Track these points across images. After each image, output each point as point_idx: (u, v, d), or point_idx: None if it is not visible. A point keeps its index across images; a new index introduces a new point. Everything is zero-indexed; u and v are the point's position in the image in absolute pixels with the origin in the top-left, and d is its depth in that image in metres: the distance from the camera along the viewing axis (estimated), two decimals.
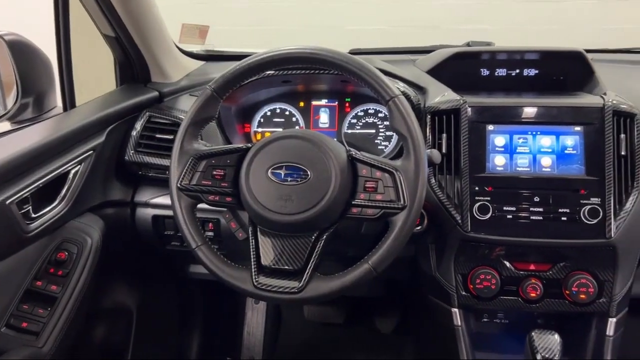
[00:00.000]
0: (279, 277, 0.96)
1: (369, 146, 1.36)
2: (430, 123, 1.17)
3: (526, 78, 1.34)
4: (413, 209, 0.93)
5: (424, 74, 1.34)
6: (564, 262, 1.12)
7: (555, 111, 1.14)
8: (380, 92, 0.97)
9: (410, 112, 0.96)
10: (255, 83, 1.29)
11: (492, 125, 1.15)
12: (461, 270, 1.16)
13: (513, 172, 1.13)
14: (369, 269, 0.93)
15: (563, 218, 1.09)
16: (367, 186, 0.96)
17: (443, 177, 1.15)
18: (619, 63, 1.50)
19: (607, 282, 1.11)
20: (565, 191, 1.10)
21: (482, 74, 1.35)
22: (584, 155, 1.11)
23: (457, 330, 1.18)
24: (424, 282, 1.26)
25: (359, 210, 0.96)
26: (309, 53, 0.98)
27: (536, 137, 1.14)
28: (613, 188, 1.08)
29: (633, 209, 1.08)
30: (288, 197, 0.95)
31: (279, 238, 0.97)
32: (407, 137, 0.95)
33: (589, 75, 1.27)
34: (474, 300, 1.16)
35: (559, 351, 1.01)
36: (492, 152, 1.14)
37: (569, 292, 1.11)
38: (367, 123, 1.36)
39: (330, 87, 1.36)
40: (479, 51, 1.34)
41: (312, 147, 0.97)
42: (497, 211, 1.11)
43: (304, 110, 1.38)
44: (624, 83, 1.26)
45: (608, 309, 1.12)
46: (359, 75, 0.97)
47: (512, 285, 1.14)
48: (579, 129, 1.12)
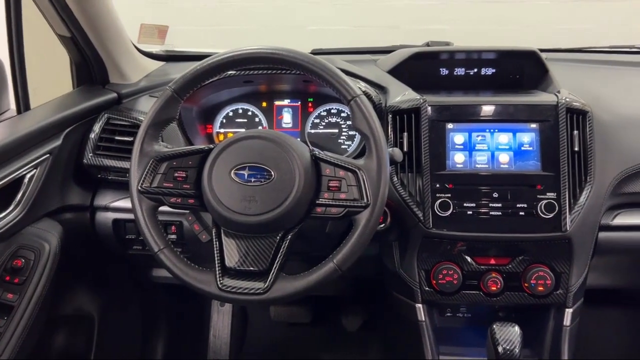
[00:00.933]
0: (244, 279, 0.96)
1: (332, 146, 1.36)
2: (392, 122, 1.19)
3: (484, 77, 1.37)
4: (376, 207, 0.95)
5: (384, 74, 1.35)
6: (522, 256, 1.15)
7: (512, 109, 1.17)
8: (342, 92, 0.97)
9: (371, 112, 0.97)
10: (216, 83, 1.28)
11: (451, 124, 1.17)
12: (424, 266, 1.18)
13: (472, 169, 1.15)
14: (334, 267, 0.94)
15: (521, 213, 1.12)
16: (331, 185, 0.97)
17: (405, 175, 1.17)
18: (572, 62, 1.55)
19: (563, 274, 1.15)
20: (522, 187, 1.13)
21: (441, 74, 1.38)
22: (539, 152, 1.14)
23: (421, 325, 1.20)
24: (388, 279, 1.28)
25: (323, 210, 0.97)
26: (270, 53, 0.98)
27: (494, 134, 1.17)
28: (568, 183, 1.12)
29: (587, 203, 1.12)
30: (252, 198, 0.94)
31: (244, 239, 0.97)
32: (369, 136, 0.97)
33: (543, 73, 1.31)
34: (437, 296, 1.18)
35: (519, 342, 1.03)
36: (452, 149, 1.16)
37: (527, 284, 1.15)
38: (330, 123, 1.36)
39: (292, 87, 1.36)
40: (437, 51, 1.36)
41: (275, 147, 0.97)
42: (457, 207, 1.13)
43: (267, 110, 1.38)
44: (576, 81, 1.30)
45: (565, 300, 1.16)
46: (321, 75, 0.97)
47: (473, 280, 1.17)
48: (535, 126, 1.16)
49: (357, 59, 1.48)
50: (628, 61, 1.55)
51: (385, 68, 1.37)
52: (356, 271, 1.00)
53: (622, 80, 1.44)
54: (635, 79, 1.45)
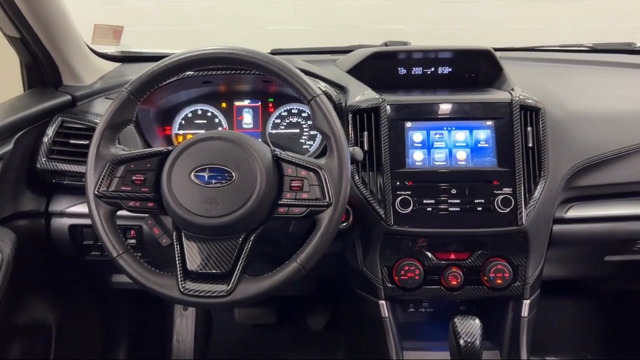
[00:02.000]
0: (207, 282, 0.95)
1: (294, 146, 1.36)
2: (352, 121, 1.20)
3: (441, 76, 1.39)
4: (338, 205, 0.95)
5: (344, 74, 1.36)
6: (481, 250, 1.18)
7: (468, 107, 1.20)
8: (302, 92, 0.98)
9: (331, 111, 0.98)
10: (174, 84, 1.26)
11: (410, 122, 1.19)
12: (386, 263, 1.19)
13: (431, 166, 1.18)
14: (298, 267, 0.94)
15: (478, 208, 1.15)
16: (293, 185, 0.97)
17: (366, 174, 1.18)
18: (525, 61, 1.60)
19: (520, 267, 1.19)
20: (479, 183, 1.16)
21: (399, 73, 1.40)
22: (495, 148, 1.17)
23: (385, 321, 1.22)
24: (352, 277, 1.29)
25: (285, 210, 0.97)
26: (228, 53, 0.97)
27: (451, 132, 1.19)
28: (522, 178, 1.15)
29: (541, 197, 1.15)
30: (213, 200, 0.94)
31: (205, 242, 0.96)
32: (329, 135, 0.97)
33: (498, 72, 1.35)
34: (399, 292, 1.20)
35: (480, 335, 1.06)
36: (411, 148, 1.18)
37: (486, 278, 1.18)
38: (291, 123, 1.36)
39: (252, 87, 1.35)
40: (395, 50, 1.38)
41: (236, 148, 0.96)
42: (417, 204, 1.15)
43: (227, 111, 1.36)
44: (530, 79, 1.34)
45: (522, 291, 1.20)
46: (280, 75, 0.97)
47: (434, 275, 1.19)
48: (490, 124, 1.19)
49: (316, 59, 1.48)
50: (577, 59, 1.61)
51: (344, 68, 1.38)
52: (320, 270, 1.00)
53: (572, 77, 1.49)
54: (584, 76, 1.50)
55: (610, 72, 1.53)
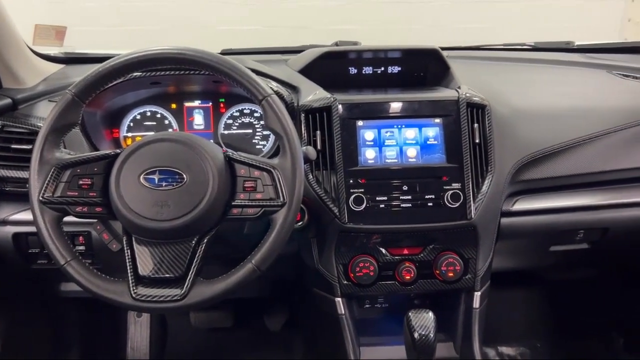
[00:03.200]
0: (160, 286, 0.93)
1: (247, 146, 1.36)
2: (304, 121, 1.20)
3: (391, 75, 1.42)
4: (292, 205, 0.96)
5: (295, 74, 1.37)
6: (433, 245, 1.21)
7: (417, 105, 1.22)
8: (253, 92, 0.98)
9: (283, 111, 0.98)
10: (121, 85, 1.23)
11: (361, 121, 1.21)
12: (342, 261, 1.20)
13: (383, 164, 1.19)
14: (253, 268, 0.94)
15: (429, 204, 1.17)
16: (246, 186, 0.97)
17: (320, 173, 1.19)
18: (471, 59, 1.65)
19: (471, 260, 1.22)
20: (429, 179, 1.18)
21: (350, 72, 1.41)
22: (444, 145, 1.20)
23: (341, 318, 1.23)
24: (308, 275, 1.29)
25: (239, 211, 0.97)
26: (176, 53, 0.96)
27: (401, 130, 1.21)
28: (471, 173, 1.18)
29: (489, 191, 1.19)
30: (164, 203, 0.92)
31: (157, 246, 0.94)
32: (282, 135, 0.97)
33: (445, 70, 1.38)
34: (355, 288, 1.21)
35: (434, 327, 1.08)
36: (363, 146, 1.20)
37: (439, 271, 1.21)
38: (244, 123, 1.36)
39: (202, 87, 1.34)
40: (345, 50, 1.39)
41: (186, 150, 0.95)
42: (370, 202, 1.17)
43: (177, 112, 1.34)
44: (475, 77, 1.38)
45: (473, 284, 1.23)
46: (231, 75, 0.97)
47: (388, 271, 1.21)
48: (439, 121, 1.22)
49: (268, 59, 1.48)
50: (520, 58, 1.67)
51: (296, 68, 1.39)
52: (276, 270, 1.00)
53: (516, 75, 1.55)
54: (527, 74, 1.56)
55: (550, 70, 1.60)
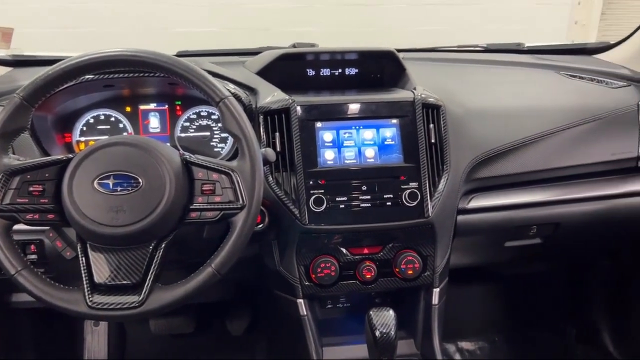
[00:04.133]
0: (117, 294, 0.91)
1: (205, 149, 1.34)
2: (263, 123, 1.20)
3: (348, 77, 1.43)
4: (252, 207, 0.95)
5: (253, 75, 1.36)
6: (392, 243, 1.23)
7: (374, 106, 1.24)
8: (210, 94, 0.97)
9: (241, 113, 0.97)
10: (73, 89, 1.20)
11: (320, 122, 1.21)
12: (303, 262, 1.21)
13: (342, 165, 1.20)
14: (213, 272, 0.93)
15: (388, 203, 1.19)
16: (205, 189, 0.96)
17: (279, 175, 1.19)
18: (426, 61, 1.68)
19: (429, 257, 1.24)
20: (388, 179, 1.20)
21: (308, 74, 1.42)
22: (401, 145, 1.22)
23: (304, 319, 1.23)
24: (270, 278, 1.29)
25: (198, 215, 0.96)
26: (130, 55, 0.94)
27: (359, 131, 1.23)
28: (427, 172, 1.21)
29: (445, 190, 1.22)
30: (119, 208, 0.90)
31: (113, 252, 0.92)
32: (240, 137, 0.97)
33: (401, 72, 1.40)
34: (316, 289, 1.22)
35: (394, 325, 1.10)
36: (322, 147, 1.20)
37: (398, 269, 1.22)
38: (201, 126, 1.34)
39: (158, 90, 1.31)
40: (303, 52, 1.40)
41: (142, 153, 0.94)
42: (331, 202, 1.17)
43: (132, 115, 1.31)
44: (430, 78, 1.41)
45: (432, 280, 1.25)
46: (186, 77, 0.96)
47: (349, 270, 1.22)
48: (396, 122, 1.24)
49: (225, 61, 1.47)
50: (473, 59, 1.71)
51: (253, 69, 1.38)
52: (237, 273, 1.00)
53: (469, 76, 1.58)
54: (479, 75, 1.60)
55: (502, 71, 1.64)
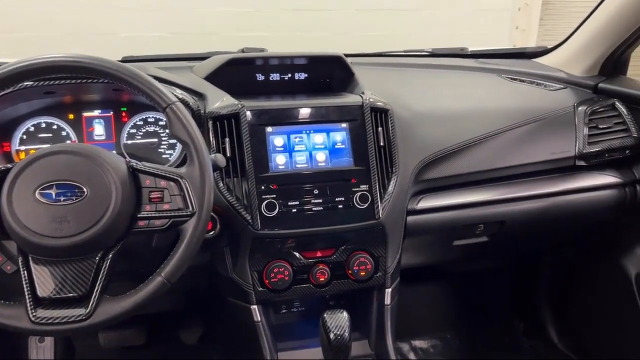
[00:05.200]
0: (62, 307, 0.89)
1: (153, 156, 1.31)
2: (212, 128, 1.19)
3: (298, 81, 1.44)
4: (202, 214, 0.95)
5: (201, 81, 1.35)
6: (344, 245, 1.24)
7: (324, 111, 1.25)
8: (156, 100, 0.96)
9: (189, 119, 0.96)
10: (11, 96, 1.15)
11: (270, 127, 1.22)
12: (256, 268, 1.20)
13: (293, 169, 1.21)
14: (163, 281, 0.92)
15: (339, 206, 1.20)
16: (152, 197, 0.94)
17: (230, 180, 1.18)
18: (374, 65, 1.71)
19: (381, 258, 1.26)
20: (339, 182, 1.21)
21: (258, 79, 1.41)
22: (351, 148, 1.24)
23: (258, 325, 1.22)
24: (222, 285, 1.28)
25: (146, 223, 0.94)
26: (71, 61, 0.91)
27: (310, 135, 1.24)
28: (377, 175, 1.23)
29: (394, 192, 1.24)
30: (63, 219, 0.87)
31: (58, 264, 0.89)
32: (189, 143, 0.96)
33: (349, 77, 1.42)
34: (270, 294, 1.21)
35: (348, 327, 1.11)
36: (273, 152, 1.20)
37: (351, 271, 1.24)
38: (148, 132, 1.31)
39: (102, 96, 1.28)
40: (252, 57, 1.39)
41: (86, 162, 0.91)
42: (283, 207, 1.17)
43: (75, 122, 1.27)
44: (378, 83, 1.43)
45: (384, 281, 1.27)
46: (131, 83, 0.94)
47: (303, 274, 1.22)
48: (345, 126, 1.25)
49: (172, 66, 1.45)
50: (419, 63, 1.76)
51: (201, 75, 1.37)
52: (189, 282, 0.98)
53: (416, 80, 1.62)
54: (425, 79, 1.65)
55: (447, 74, 1.69)
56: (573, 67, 1.71)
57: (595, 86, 1.63)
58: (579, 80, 1.67)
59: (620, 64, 1.68)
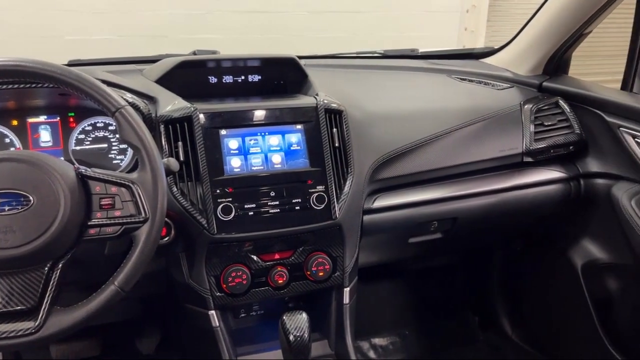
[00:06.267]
0: (9, 321, 0.86)
1: (103, 161, 1.28)
2: (164, 132, 1.17)
3: (251, 84, 1.43)
4: (156, 220, 0.93)
5: (152, 84, 1.32)
6: (302, 247, 1.24)
7: (279, 112, 1.25)
8: (105, 104, 0.93)
9: (139, 123, 0.95)
10: None
11: (224, 130, 1.20)
12: (213, 272, 1.19)
13: (249, 171, 1.20)
14: (116, 289, 0.90)
15: (296, 207, 1.20)
16: (103, 204, 0.92)
17: (185, 185, 1.16)
18: (327, 67, 1.72)
19: (339, 258, 1.27)
20: (295, 183, 1.21)
21: (210, 82, 1.40)
22: (306, 150, 1.24)
23: (216, 331, 1.21)
24: (179, 291, 1.26)
25: (97, 231, 0.92)
26: (12, 65, 0.88)
27: (265, 137, 1.23)
28: (333, 176, 1.24)
29: (350, 192, 1.25)
30: (8, 229, 0.84)
31: (4, 276, 0.86)
32: (140, 148, 0.94)
33: (303, 78, 1.42)
34: (228, 299, 1.20)
35: (307, 328, 1.11)
36: (228, 155, 1.19)
37: (309, 272, 1.24)
38: (98, 137, 1.28)
39: (48, 101, 1.23)
40: (204, 59, 1.38)
41: (31, 169, 0.88)
42: (239, 210, 1.17)
43: (19, 129, 1.22)
44: (332, 84, 1.45)
45: (342, 281, 1.29)
46: (78, 87, 0.92)
47: (261, 277, 1.22)
48: (300, 127, 1.26)
49: (121, 69, 1.41)
50: (371, 65, 1.78)
51: (152, 78, 1.34)
52: (144, 289, 0.97)
53: (369, 81, 1.64)
54: (377, 80, 1.67)
55: (398, 76, 1.72)
56: (518, 67, 1.77)
57: (539, 85, 1.69)
58: (524, 79, 1.73)
59: (563, 64, 1.75)
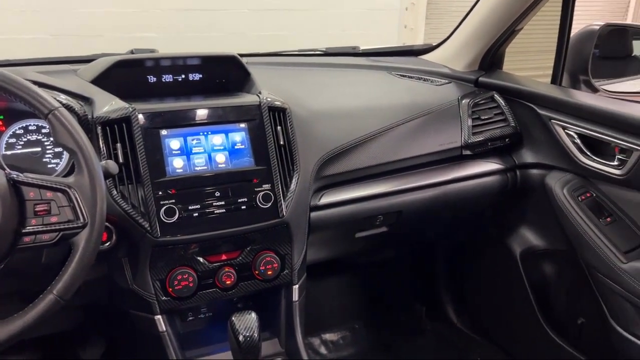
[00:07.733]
0: None
1: (37, 166, 1.22)
2: (102, 134, 1.13)
3: (192, 82, 1.40)
4: (95, 225, 0.91)
5: (88, 84, 1.27)
6: (250, 246, 1.23)
7: (221, 111, 1.24)
8: (37, 106, 0.90)
9: (74, 125, 0.92)
10: None
11: (165, 130, 1.18)
12: (158, 276, 1.16)
13: (192, 172, 1.18)
14: (55, 298, 0.87)
15: (243, 207, 1.19)
16: (38, 210, 0.89)
17: (125, 187, 1.13)
18: (270, 65, 1.72)
19: (287, 255, 1.27)
20: (240, 182, 1.20)
21: (149, 81, 1.36)
22: (251, 148, 1.23)
23: (163, 336, 1.18)
24: (123, 297, 1.22)
25: (32, 238, 0.88)
26: None
27: (208, 136, 1.21)
28: (279, 174, 1.23)
29: (297, 189, 1.26)
30: None
31: None
32: (75, 151, 0.91)
33: (245, 76, 1.41)
34: (175, 302, 1.18)
35: (257, 327, 1.11)
36: (170, 155, 1.17)
37: (258, 271, 1.23)
38: (30, 141, 1.22)
39: None
40: (142, 58, 1.34)
41: None
42: (183, 212, 1.14)
43: None
44: (275, 82, 1.44)
45: (291, 278, 1.29)
46: (6, 88, 0.88)
47: (208, 279, 1.20)
48: (244, 126, 1.24)
49: (54, 70, 1.36)
50: (314, 62, 1.79)
51: (87, 78, 1.29)
52: (86, 297, 0.94)
53: (311, 79, 1.66)
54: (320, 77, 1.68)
55: (340, 73, 1.74)
56: (456, 63, 1.83)
57: (476, 80, 1.75)
58: (461, 75, 1.79)
59: (497, 59, 1.82)
